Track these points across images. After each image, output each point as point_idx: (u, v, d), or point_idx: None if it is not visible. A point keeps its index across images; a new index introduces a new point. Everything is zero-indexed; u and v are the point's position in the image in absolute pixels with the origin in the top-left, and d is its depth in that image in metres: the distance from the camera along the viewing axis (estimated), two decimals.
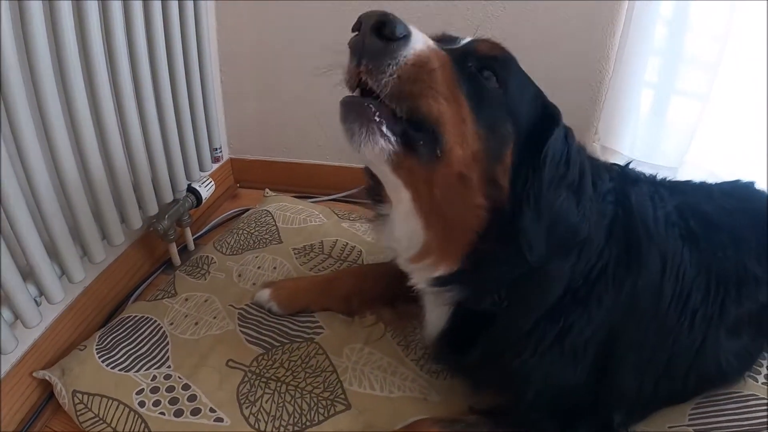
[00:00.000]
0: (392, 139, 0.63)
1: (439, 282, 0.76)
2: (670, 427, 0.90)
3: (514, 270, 0.73)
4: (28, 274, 0.83)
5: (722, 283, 0.87)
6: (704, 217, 0.90)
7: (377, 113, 0.62)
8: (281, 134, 1.70)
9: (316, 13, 1.48)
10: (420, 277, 0.79)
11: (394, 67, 0.60)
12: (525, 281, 0.74)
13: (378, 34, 0.60)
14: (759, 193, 1.03)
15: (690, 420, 0.91)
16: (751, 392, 0.95)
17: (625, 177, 0.88)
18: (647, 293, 0.81)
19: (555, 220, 0.70)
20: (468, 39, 0.73)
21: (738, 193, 1.00)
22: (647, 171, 0.96)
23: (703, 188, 1.01)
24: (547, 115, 0.72)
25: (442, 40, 0.72)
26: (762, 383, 0.98)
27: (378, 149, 0.63)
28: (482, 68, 0.68)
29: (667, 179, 0.99)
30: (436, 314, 0.85)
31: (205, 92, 1.23)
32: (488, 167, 0.68)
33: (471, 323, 0.80)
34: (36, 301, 0.84)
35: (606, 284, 0.77)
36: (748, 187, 1.03)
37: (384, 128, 0.63)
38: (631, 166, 0.94)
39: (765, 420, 0.92)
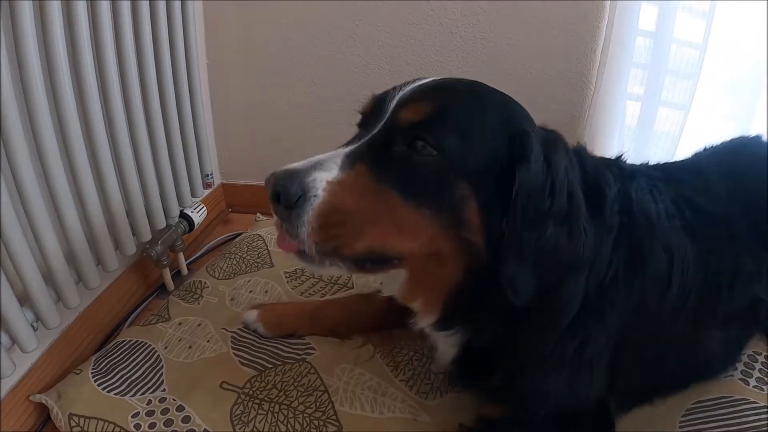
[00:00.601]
0: (344, 267, 0.66)
1: (436, 327, 0.78)
2: None
3: (510, 307, 0.70)
4: (24, 299, 0.85)
5: (717, 279, 0.87)
6: (700, 210, 0.89)
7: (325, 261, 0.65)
8: (272, 159, 1.72)
9: (304, 40, 1.53)
10: (418, 321, 0.80)
11: (305, 229, 0.61)
12: (540, 306, 0.72)
13: (278, 202, 0.62)
14: (759, 162, 1.00)
15: (681, 427, 0.92)
16: (742, 396, 0.96)
17: (623, 174, 0.85)
18: (655, 291, 0.81)
19: (542, 258, 0.67)
20: (396, 100, 0.69)
21: (736, 172, 0.97)
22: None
23: (697, 173, 0.97)
24: (516, 149, 0.67)
25: (369, 113, 0.72)
26: (753, 386, 0.99)
27: (336, 271, 0.68)
28: (413, 140, 0.65)
29: (659, 164, 0.98)
30: (444, 346, 0.85)
31: (196, 120, 1.28)
32: (453, 236, 0.67)
33: (484, 352, 0.80)
34: (33, 326, 0.86)
35: (617, 290, 0.76)
36: (749, 154, 1.02)
37: (332, 268, 0.66)
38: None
39: (754, 424, 0.94)
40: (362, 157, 0.65)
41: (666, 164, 0.99)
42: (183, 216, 1.30)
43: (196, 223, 1.33)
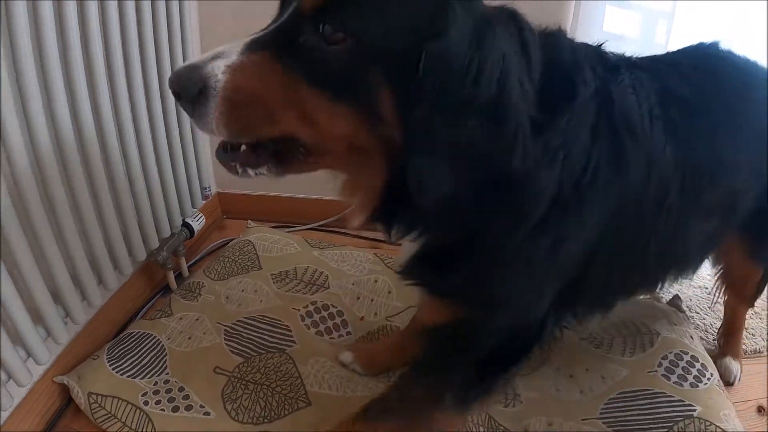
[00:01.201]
0: (263, 169, 0.65)
1: (372, 221, 0.72)
2: (583, 420, 1.05)
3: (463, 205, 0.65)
4: (57, 297, 1.01)
5: (698, 173, 0.84)
6: (683, 104, 0.84)
7: (236, 164, 0.65)
8: None
9: None
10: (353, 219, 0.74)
11: (212, 119, 0.59)
12: (502, 200, 0.66)
13: (181, 99, 0.60)
14: (725, 60, 0.99)
15: (601, 413, 1.06)
16: (661, 390, 1.10)
17: (605, 68, 0.76)
18: (632, 194, 0.76)
19: (459, 155, 0.59)
20: None
21: (708, 65, 0.94)
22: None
23: (674, 65, 0.92)
24: (436, 23, 0.56)
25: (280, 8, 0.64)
26: (674, 382, 1.13)
27: (256, 174, 0.65)
28: (319, 26, 0.57)
29: (642, 57, 0.91)
30: (408, 247, 0.78)
31: (195, 138, 1.43)
32: (370, 129, 0.61)
33: (446, 248, 0.74)
34: (63, 321, 1.03)
35: (597, 189, 0.70)
36: (714, 54, 0.99)
37: (250, 171, 0.65)
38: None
39: (667, 414, 1.06)
40: (267, 45, 0.60)
41: (647, 57, 0.92)
42: (185, 224, 1.44)
43: (195, 231, 1.48)
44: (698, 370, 1.17)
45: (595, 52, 0.79)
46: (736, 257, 1.20)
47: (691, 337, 1.29)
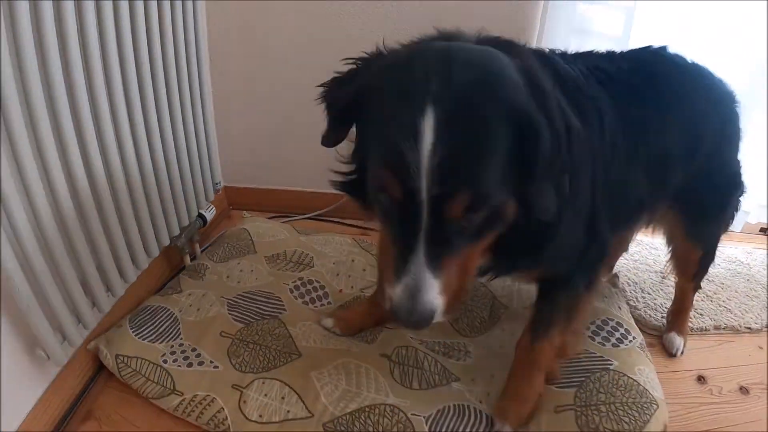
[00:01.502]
0: None
1: (493, 273, 0.96)
2: (558, 407, 1.16)
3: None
4: (102, 274, 1.20)
5: (633, 125, 1.00)
6: (606, 72, 1.01)
7: None
8: (265, 167, 2.07)
9: (306, 43, 1.74)
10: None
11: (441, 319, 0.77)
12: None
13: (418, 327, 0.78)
14: (665, 58, 1.15)
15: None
16: (585, 348, 1.28)
17: (549, 63, 0.92)
18: (595, 136, 0.91)
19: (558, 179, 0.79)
20: (426, 189, 0.69)
21: (643, 57, 1.12)
22: None
23: (607, 56, 1.11)
24: (525, 132, 0.70)
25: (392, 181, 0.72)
26: (598, 342, 1.30)
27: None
28: (468, 216, 0.72)
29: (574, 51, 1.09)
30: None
31: (208, 139, 1.64)
32: (507, 223, 0.79)
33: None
34: (106, 294, 1.24)
35: (581, 146, 0.82)
36: (656, 52, 1.15)
37: None
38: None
39: (587, 367, 1.21)
40: (436, 253, 0.73)
41: (587, 51, 1.11)
42: (199, 215, 1.66)
43: (208, 220, 1.69)
44: (621, 333, 1.36)
45: (540, 58, 0.92)
46: (678, 237, 1.37)
47: (620, 307, 1.49)
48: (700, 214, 1.31)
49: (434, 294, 0.74)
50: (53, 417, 1.20)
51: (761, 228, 2.27)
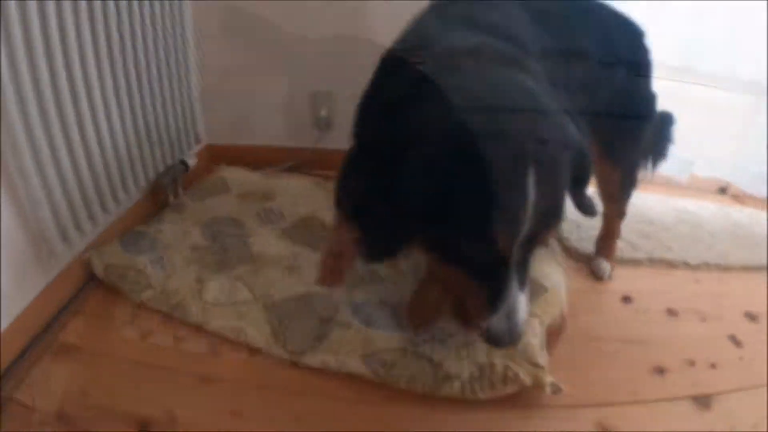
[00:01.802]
0: None
1: None
2: None
3: None
4: (101, 196, 1.48)
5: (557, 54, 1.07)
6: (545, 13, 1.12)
7: None
8: (244, 123, 2.27)
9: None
10: None
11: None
12: None
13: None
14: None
15: None
16: None
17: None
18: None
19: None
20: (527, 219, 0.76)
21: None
22: None
23: None
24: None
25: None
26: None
27: None
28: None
29: None
30: None
31: (191, 98, 1.93)
32: None
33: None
34: (101, 211, 1.51)
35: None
36: None
37: None
38: None
39: None
40: (521, 275, 0.82)
41: None
42: (182, 162, 1.88)
43: (190, 166, 1.94)
44: None
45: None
46: (599, 159, 1.36)
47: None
48: (617, 135, 1.42)
49: (524, 310, 0.83)
50: (50, 311, 1.44)
51: (720, 187, 2.36)
